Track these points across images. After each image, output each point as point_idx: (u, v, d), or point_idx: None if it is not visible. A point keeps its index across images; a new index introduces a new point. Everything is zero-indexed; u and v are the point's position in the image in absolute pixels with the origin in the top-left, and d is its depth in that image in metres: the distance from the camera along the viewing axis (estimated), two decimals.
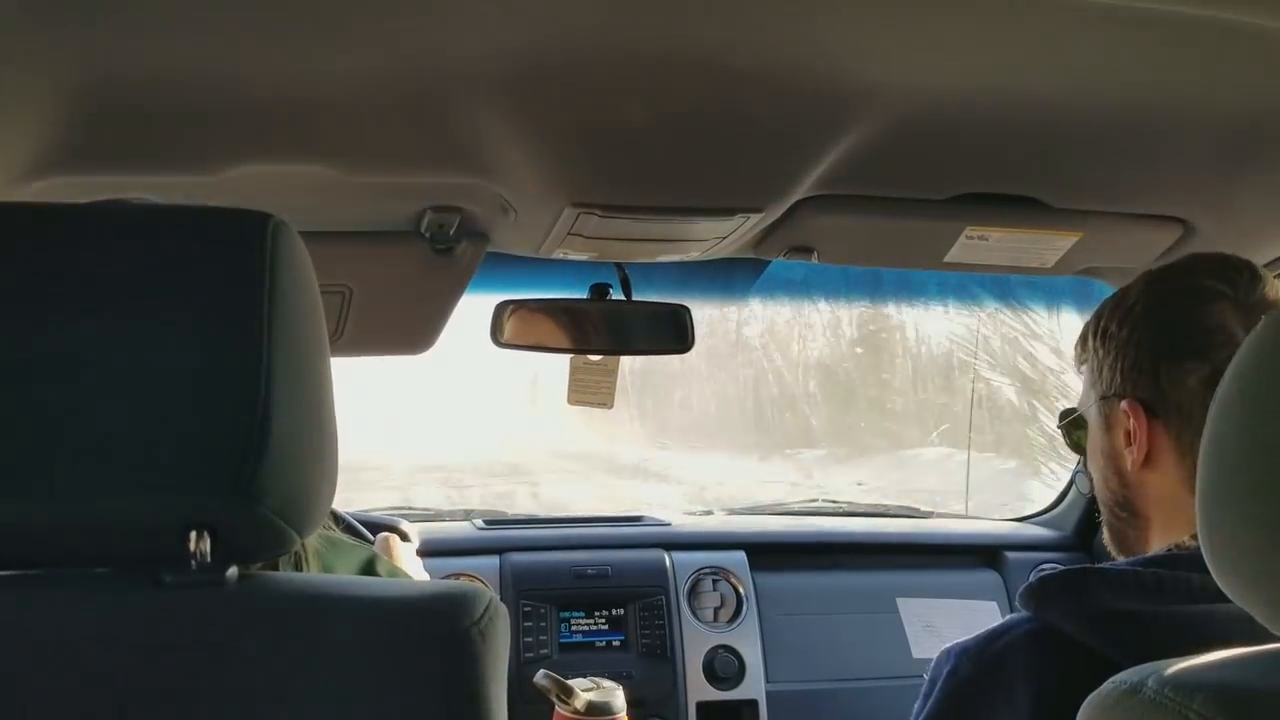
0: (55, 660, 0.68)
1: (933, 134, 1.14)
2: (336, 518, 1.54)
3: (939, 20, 0.90)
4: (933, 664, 1.00)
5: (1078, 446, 1.13)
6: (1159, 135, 1.15)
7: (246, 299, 0.69)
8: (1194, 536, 0.71)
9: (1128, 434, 1.01)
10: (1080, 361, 1.10)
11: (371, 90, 1.01)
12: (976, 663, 0.95)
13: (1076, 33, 0.91)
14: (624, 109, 1.04)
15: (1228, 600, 0.64)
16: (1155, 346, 1.00)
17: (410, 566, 1.42)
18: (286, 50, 0.93)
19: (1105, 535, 1.10)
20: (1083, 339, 1.10)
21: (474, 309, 1.64)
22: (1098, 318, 1.07)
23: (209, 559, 0.69)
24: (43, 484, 0.66)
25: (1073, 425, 1.13)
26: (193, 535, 0.68)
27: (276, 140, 1.12)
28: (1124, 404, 1.01)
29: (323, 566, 0.97)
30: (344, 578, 0.95)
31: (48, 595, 0.71)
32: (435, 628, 0.71)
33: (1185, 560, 0.92)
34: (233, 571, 0.72)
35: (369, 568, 1.05)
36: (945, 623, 1.93)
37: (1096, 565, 0.97)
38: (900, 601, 1.97)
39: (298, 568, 0.93)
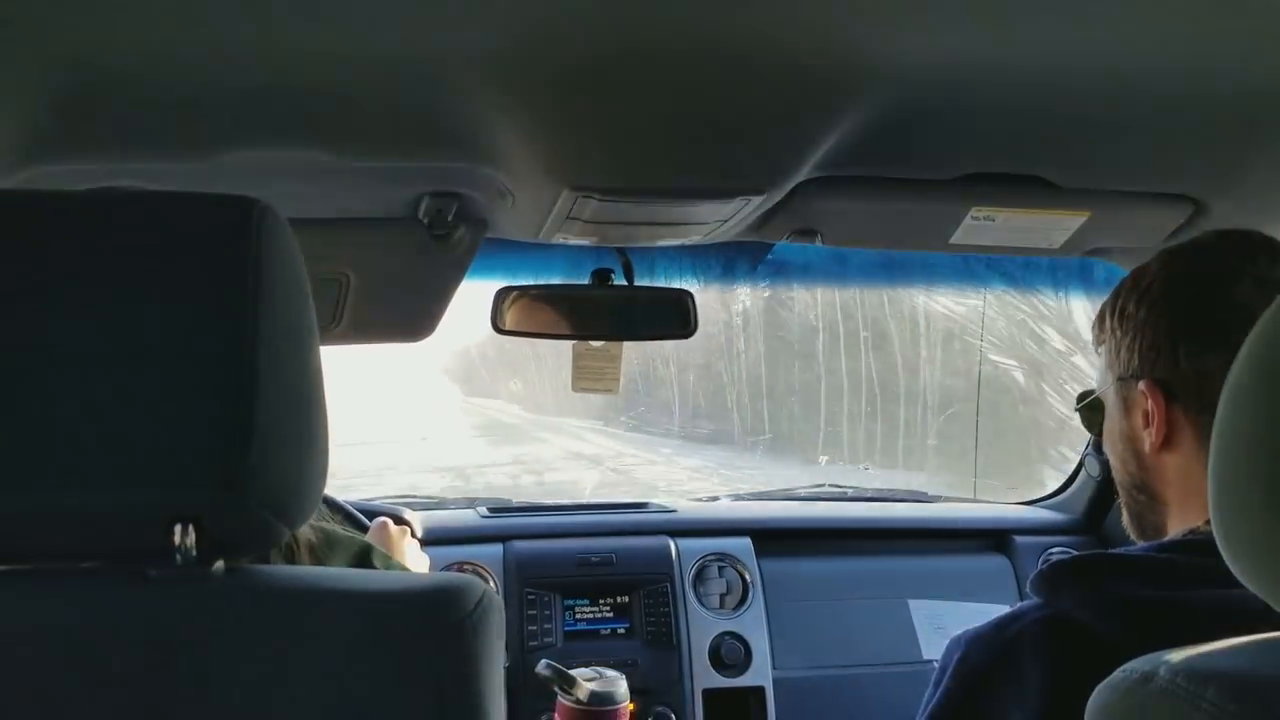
0: (38, 657, 0.67)
1: (936, 113, 1.12)
2: (334, 506, 1.52)
3: None
4: (944, 651, 0.99)
5: (1095, 429, 1.11)
6: (1168, 111, 1.13)
7: (231, 285, 0.67)
8: (1209, 520, 0.69)
9: (1145, 415, 0.99)
10: (1099, 343, 1.08)
11: (365, 74, 0.99)
12: (987, 651, 0.94)
13: (1082, 7, 0.89)
14: (621, 90, 1.03)
15: (1244, 586, 0.62)
16: (1174, 327, 0.97)
17: (409, 554, 1.41)
18: (277, 33, 0.91)
19: (1124, 518, 1.08)
20: (1100, 319, 1.07)
21: (476, 295, 1.63)
22: (1115, 297, 1.04)
23: (194, 553, 0.68)
24: (19, 476, 0.65)
25: (1090, 408, 1.10)
26: (177, 529, 0.67)
27: (269, 125, 1.10)
28: (1141, 385, 0.99)
29: (315, 559, 0.96)
30: (335, 570, 0.94)
31: (30, 591, 0.70)
32: (426, 621, 0.70)
33: (1201, 545, 0.90)
34: (219, 565, 0.70)
35: (364, 559, 1.04)
36: (958, 626, 1.91)
37: (1109, 551, 0.95)
38: (912, 604, 1.95)
39: (289, 560, 0.91)
